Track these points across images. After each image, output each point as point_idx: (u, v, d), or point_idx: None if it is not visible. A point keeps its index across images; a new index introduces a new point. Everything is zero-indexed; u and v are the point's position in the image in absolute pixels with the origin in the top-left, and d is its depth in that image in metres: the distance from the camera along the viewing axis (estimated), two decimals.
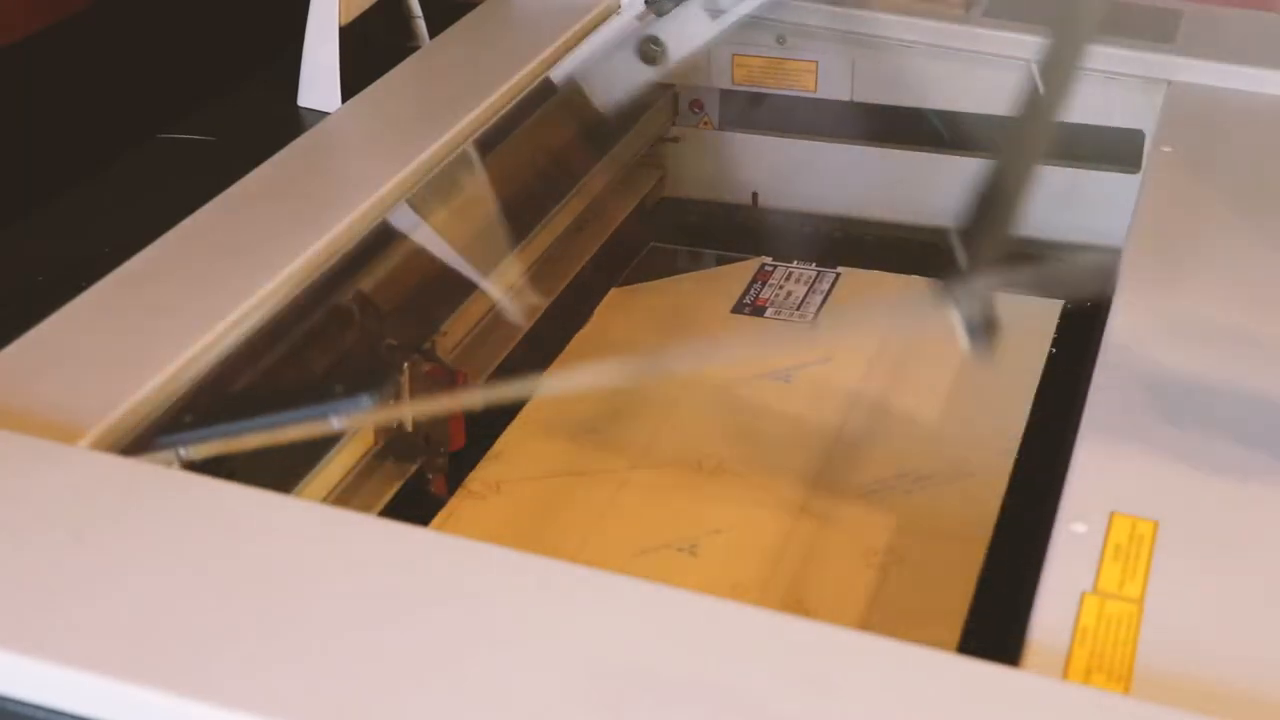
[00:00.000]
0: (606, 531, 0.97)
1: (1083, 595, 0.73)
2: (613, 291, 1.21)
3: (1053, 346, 1.15)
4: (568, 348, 1.14)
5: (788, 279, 1.23)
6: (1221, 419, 0.83)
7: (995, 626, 0.78)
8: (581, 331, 1.16)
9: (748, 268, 1.25)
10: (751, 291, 1.22)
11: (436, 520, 0.97)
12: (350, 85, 1.12)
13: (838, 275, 1.24)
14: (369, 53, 1.15)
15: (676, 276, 1.25)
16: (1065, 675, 0.68)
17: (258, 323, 0.88)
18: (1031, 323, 1.18)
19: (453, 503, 0.99)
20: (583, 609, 0.66)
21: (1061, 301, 1.21)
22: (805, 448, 1.04)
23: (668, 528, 0.97)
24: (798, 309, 1.20)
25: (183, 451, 0.79)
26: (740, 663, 0.64)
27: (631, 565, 0.94)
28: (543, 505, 1.00)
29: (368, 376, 0.97)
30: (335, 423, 0.86)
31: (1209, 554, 0.76)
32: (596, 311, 1.19)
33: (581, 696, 0.61)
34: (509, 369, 1.11)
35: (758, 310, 1.20)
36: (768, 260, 1.26)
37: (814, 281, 1.23)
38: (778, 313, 1.19)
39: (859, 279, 1.24)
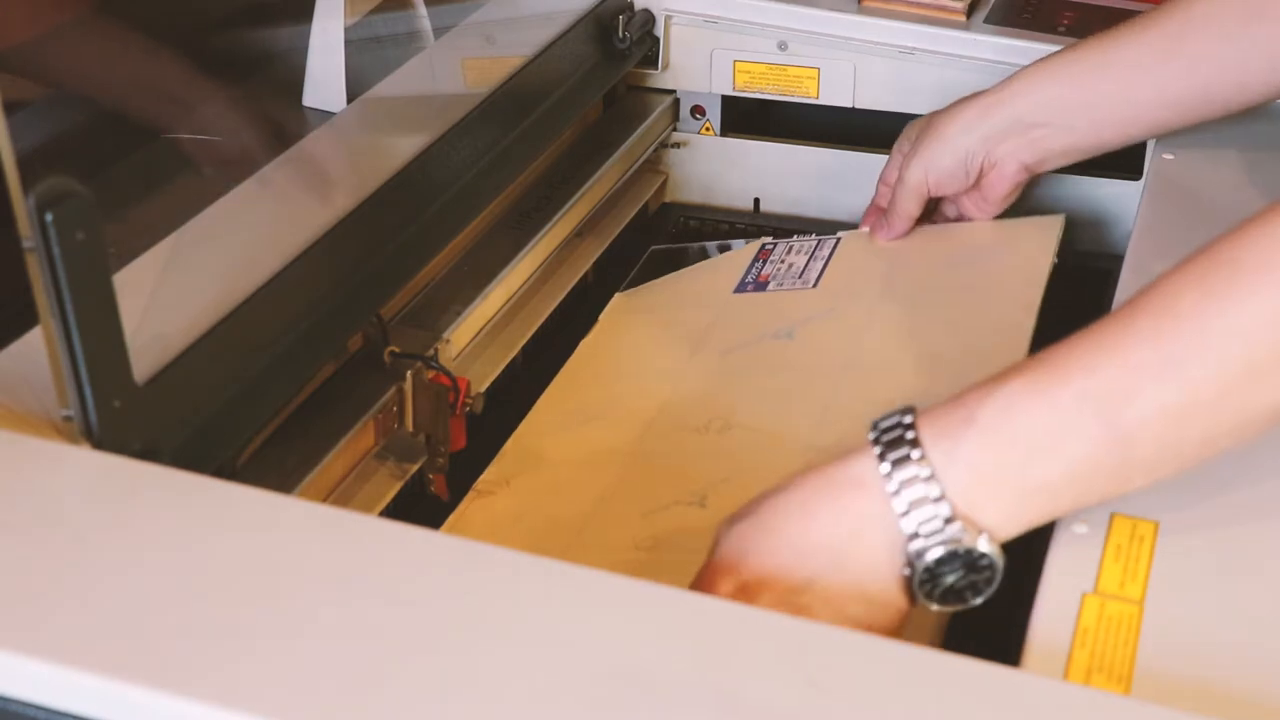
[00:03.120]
0: (616, 500, 0.97)
1: (1083, 596, 0.73)
2: (617, 297, 1.21)
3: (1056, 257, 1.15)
4: (574, 354, 1.14)
5: (788, 253, 1.22)
6: None
7: (995, 626, 0.78)
8: (587, 338, 1.16)
9: (748, 251, 1.24)
10: (753, 270, 1.21)
11: (448, 522, 0.96)
12: (355, 85, 1.12)
13: (838, 240, 1.23)
14: (374, 52, 1.15)
15: (679, 271, 1.25)
16: (1065, 676, 0.68)
17: (260, 324, 0.88)
18: (1032, 245, 1.18)
19: (463, 505, 0.98)
20: (583, 609, 0.66)
21: (1063, 215, 1.20)
22: (810, 398, 1.03)
23: (676, 486, 0.96)
24: (799, 277, 1.19)
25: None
26: (740, 663, 0.64)
27: (641, 526, 0.93)
28: (552, 489, 0.99)
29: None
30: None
31: (1209, 554, 0.76)
32: (602, 317, 1.18)
33: (581, 697, 0.61)
34: (513, 376, 1.11)
35: (760, 286, 1.19)
36: (768, 240, 1.26)
37: (814, 249, 1.22)
38: (780, 285, 1.18)
39: (860, 241, 1.23)
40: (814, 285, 1.17)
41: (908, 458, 0.74)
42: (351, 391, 0.97)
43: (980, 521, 0.73)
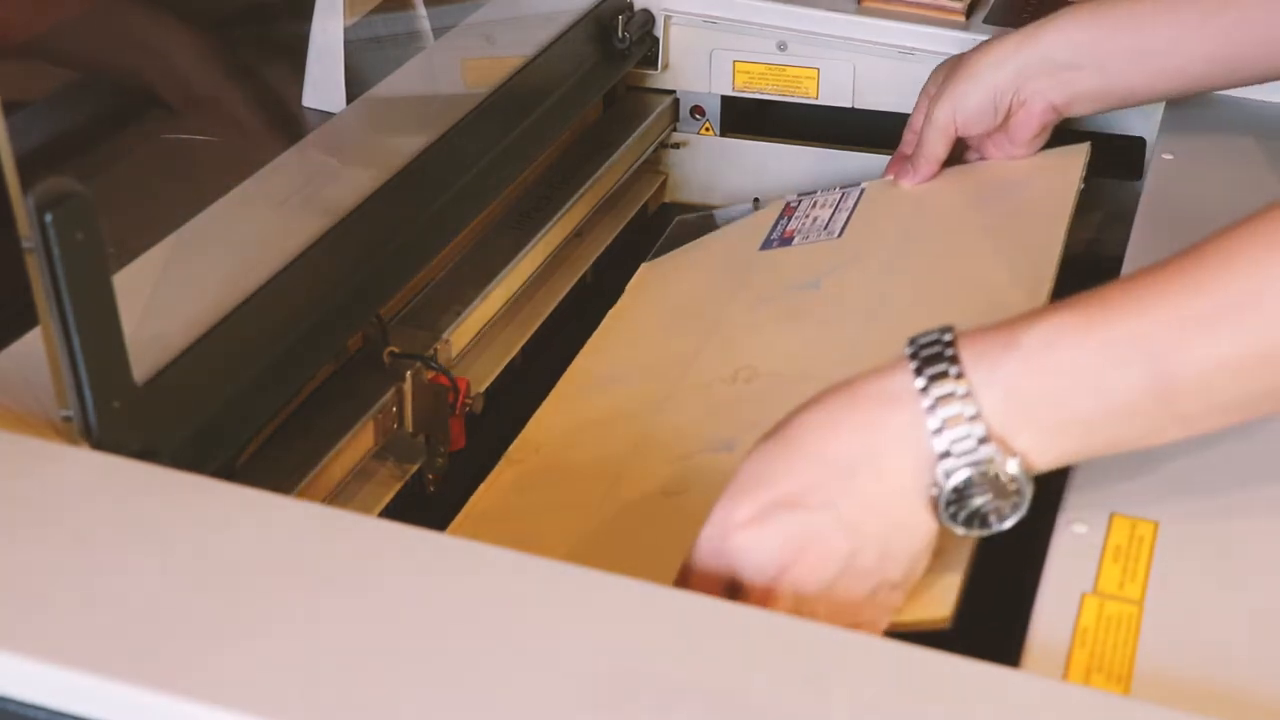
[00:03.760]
0: (645, 452, 0.96)
1: (1083, 596, 0.73)
2: (643, 266, 1.20)
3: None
4: (601, 324, 1.13)
5: (813, 207, 1.21)
6: None
7: (995, 626, 0.78)
8: (614, 307, 1.15)
9: (772, 210, 1.24)
10: (778, 228, 1.20)
11: (479, 491, 0.96)
12: (355, 85, 1.13)
13: (862, 190, 1.22)
14: (374, 52, 1.15)
15: (703, 237, 1.24)
16: (1065, 676, 0.69)
17: (260, 324, 0.88)
18: (1057, 174, 1.16)
19: (493, 474, 0.97)
20: (582, 609, 0.66)
21: (1087, 144, 1.19)
22: (837, 344, 1.02)
23: (705, 434, 0.96)
24: (825, 229, 1.17)
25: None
26: (740, 663, 0.64)
27: (671, 473, 0.93)
28: (582, 448, 0.99)
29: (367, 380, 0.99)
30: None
31: (1209, 554, 0.76)
32: (628, 286, 1.17)
33: (581, 697, 0.61)
34: (513, 376, 1.11)
35: (786, 242, 1.18)
36: (792, 197, 1.25)
37: (839, 201, 1.21)
38: (805, 238, 1.17)
39: (884, 188, 1.21)
40: (839, 235, 1.16)
41: (945, 374, 0.72)
42: (351, 392, 0.97)
43: (1014, 446, 0.72)
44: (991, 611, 0.77)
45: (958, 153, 1.20)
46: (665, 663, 0.63)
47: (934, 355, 0.73)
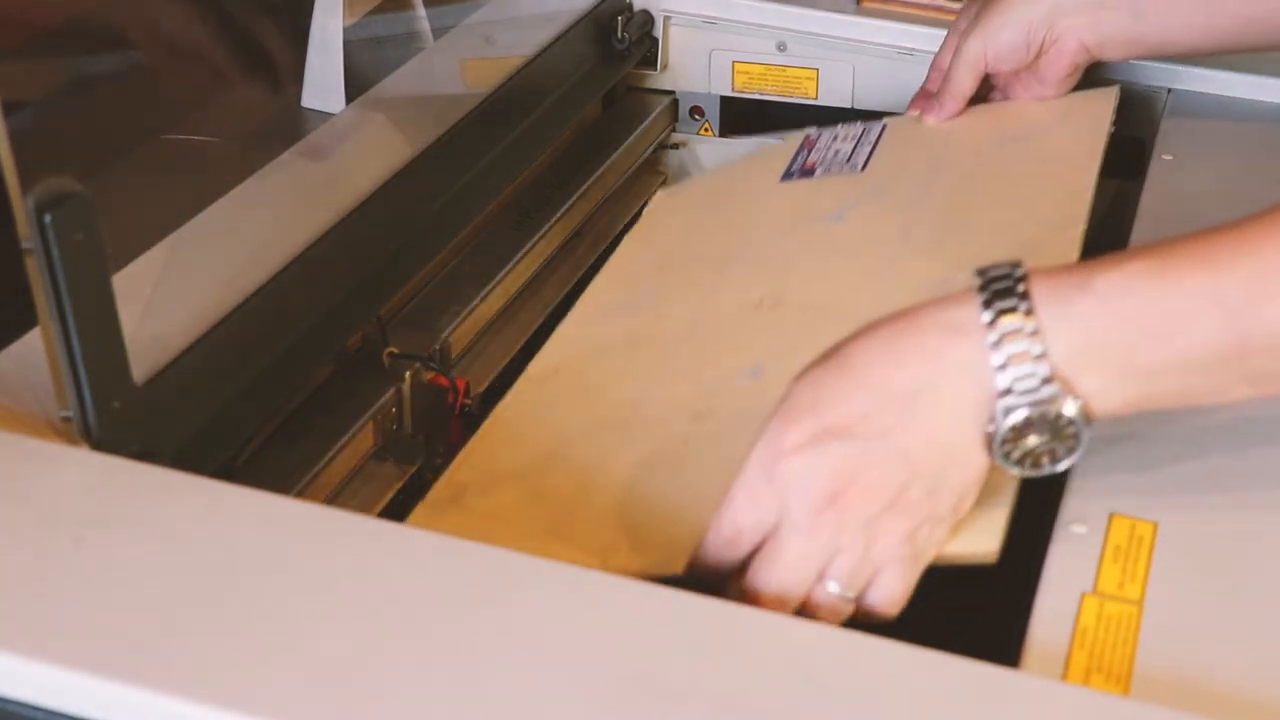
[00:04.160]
0: (668, 377, 0.94)
1: (1082, 596, 0.73)
2: (659, 194, 1.20)
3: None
4: (618, 249, 1.12)
5: (834, 140, 1.20)
6: (1221, 420, 0.83)
7: (995, 626, 0.78)
8: (630, 232, 1.14)
9: (792, 142, 1.23)
10: (799, 159, 1.19)
11: (504, 402, 0.95)
12: (354, 86, 1.13)
13: (884, 125, 1.21)
14: (373, 53, 1.15)
15: (720, 166, 1.22)
16: (1065, 676, 0.68)
17: (260, 324, 0.88)
18: (1087, 116, 1.15)
19: (512, 393, 0.96)
20: (581, 609, 0.66)
21: (1117, 86, 1.18)
22: (862, 277, 1.00)
23: (729, 360, 0.94)
24: (847, 162, 1.16)
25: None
26: (740, 663, 0.64)
27: (695, 399, 0.91)
28: (603, 372, 0.97)
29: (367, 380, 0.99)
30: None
31: (1209, 554, 0.76)
32: (645, 213, 1.17)
33: (580, 697, 0.61)
34: (513, 376, 1.11)
35: (807, 173, 1.16)
36: (812, 130, 1.24)
37: (861, 135, 1.20)
38: (827, 170, 1.16)
39: (908, 124, 1.20)
40: (862, 169, 1.14)
41: (1014, 309, 0.71)
42: (351, 392, 0.97)
43: (1077, 389, 0.71)
44: (991, 611, 0.77)
45: (982, 94, 1.19)
46: (665, 663, 0.63)
47: (1004, 290, 0.72)
